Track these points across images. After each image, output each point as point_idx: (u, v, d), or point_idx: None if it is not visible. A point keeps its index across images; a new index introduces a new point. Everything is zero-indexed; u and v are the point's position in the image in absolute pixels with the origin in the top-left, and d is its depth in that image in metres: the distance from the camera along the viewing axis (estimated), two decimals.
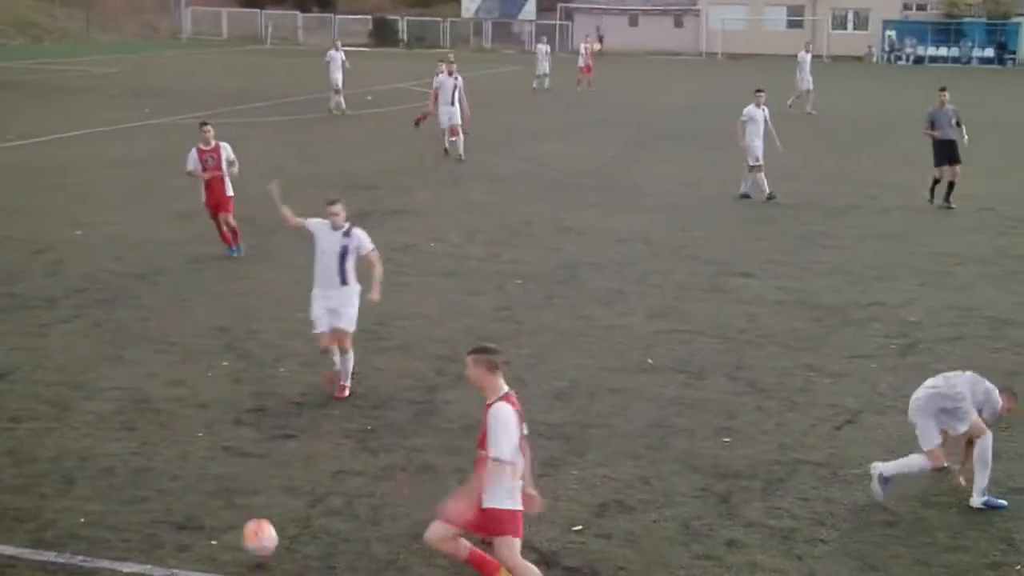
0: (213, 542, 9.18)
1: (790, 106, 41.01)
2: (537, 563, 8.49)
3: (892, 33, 78.95)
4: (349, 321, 12.42)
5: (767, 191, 24.33)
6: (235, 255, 18.60)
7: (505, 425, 7.87)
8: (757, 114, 24.41)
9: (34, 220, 20.87)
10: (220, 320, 15.18)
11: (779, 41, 75.31)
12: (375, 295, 12.25)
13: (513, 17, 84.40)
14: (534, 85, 50.70)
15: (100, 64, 54.20)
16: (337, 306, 12.37)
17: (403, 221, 21.69)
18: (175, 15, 77.52)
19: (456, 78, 29.27)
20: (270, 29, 75.61)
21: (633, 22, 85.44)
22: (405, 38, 77.87)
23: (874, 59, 77.48)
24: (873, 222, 22.66)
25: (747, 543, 9.38)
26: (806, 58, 42.99)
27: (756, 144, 24.36)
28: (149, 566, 8.80)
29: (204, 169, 18.34)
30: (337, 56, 38.25)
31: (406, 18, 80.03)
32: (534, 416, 10.08)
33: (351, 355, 12.51)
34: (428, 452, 11.09)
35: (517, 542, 8.09)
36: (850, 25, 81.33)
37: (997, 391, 10.32)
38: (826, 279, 17.99)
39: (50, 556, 8.91)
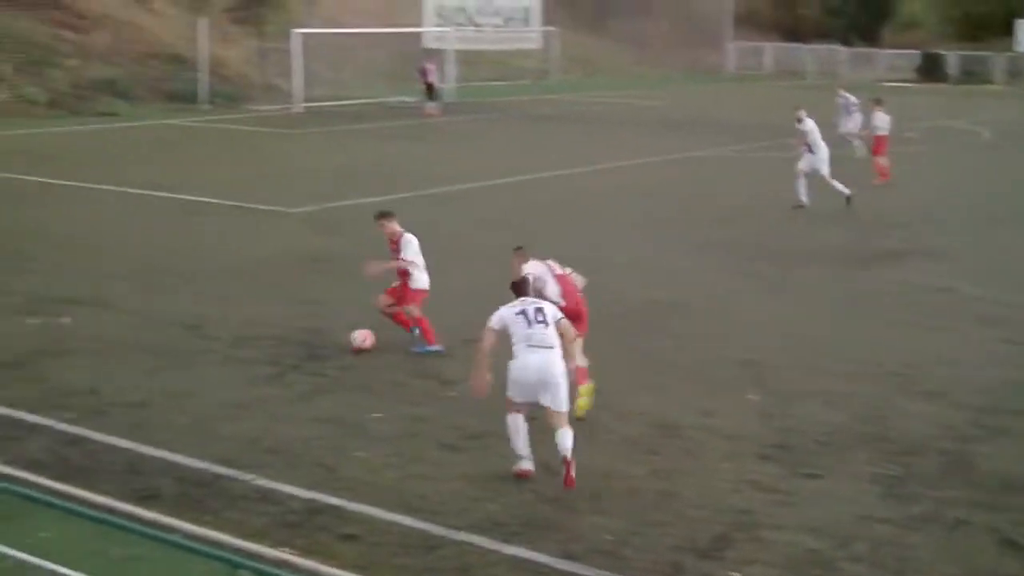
0: (734, 574, 9.21)
1: None
2: None
3: None
4: None
5: None
6: None
7: None
8: None
9: (553, 244, 21.83)
10: (748, 353, 15.25)
11: None
12: None
13: None
14: None
15: (644, 97, 56.17)
16: None
17: (937, 262, 20.92)
18: (720, 50, 79.01)
19: None
20: (812, 64, 75.35)
21: None
22: (953, 73, 75.07)
23: None
24: None
25: None
26: None
27: None
28: None
29: None
30: (849, 101, 34.67)
31: (956, 53, 77.11)
32: None
33: None
34: (959, 506, 10.58)
35: None
36: None
37: None
38: None
39: (577, 568, 9.27)
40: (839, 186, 25.98)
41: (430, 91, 46.62)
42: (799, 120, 26.25)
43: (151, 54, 47.21)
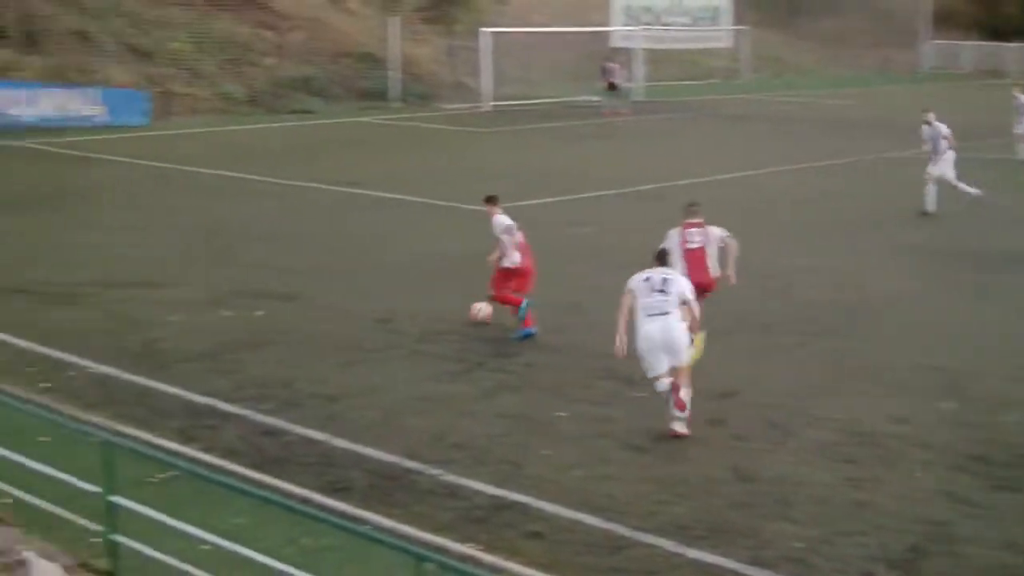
0: None
1: None
2: None
3: None
4: None
5: None
6: None
7: None
8: None
9: (764, 246, 21.52)
10: (943, 359, 14.78)
11: None
12: None
13: None
14: None
15: (834, 97, 55.03)
16: None
17: None
18: (914, 49, 76.87)
19: None
20: (1015, 63, 72.69)
21: None
22: None
23: None
24: None
25: None
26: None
27: None
28: None
29: None
30: (1020, 102, 33.06)
31: None
32: None
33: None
34: None
35: None
36: None
37: None
38: None
39: (765, 574, 9.12)
40: (966, 187, 24.98)
41: (612, 90, 46.48)
42: (928, 123, 25.31)
43: (344, 53, 48.21)
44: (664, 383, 12.13)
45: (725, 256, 14.52)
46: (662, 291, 12.26)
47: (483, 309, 15.95)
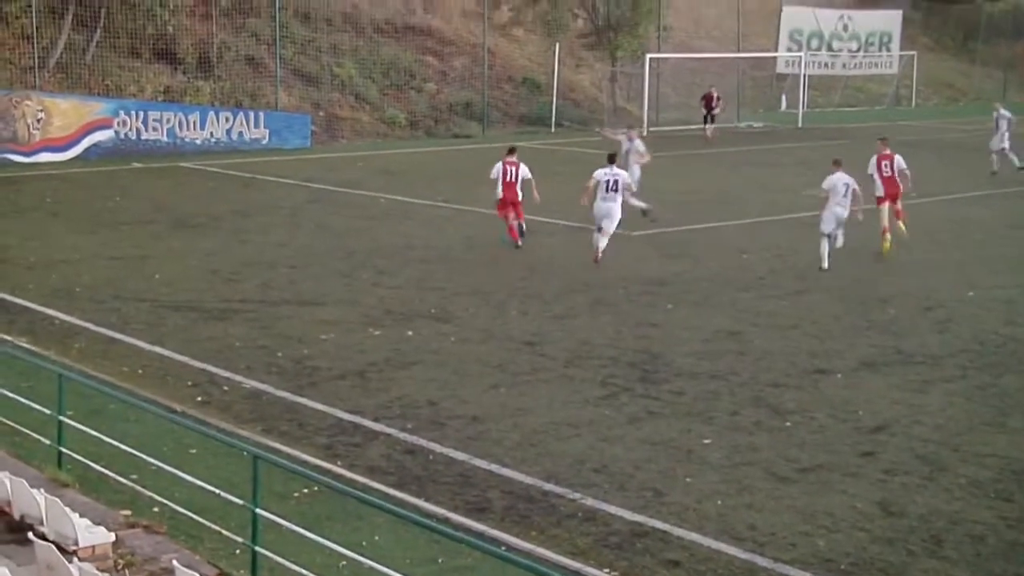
0: None
1: None
2: None
3: None
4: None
5: None
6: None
7: None
8: None
9: (925, 278, 20.97)
10: None
11: None
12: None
13: None
14: None
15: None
16: None
17: None
18: None
19: None
20: None
21: None
22: None
23: None
24: None
25: None
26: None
27: None
28: None
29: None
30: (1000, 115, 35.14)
31: None
32: None
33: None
34: None
35: None
36: None
37: None
38: None
39: None
40: None
41: (710, 118, 46.15)
42: None
43: (505, 78, 48.56)
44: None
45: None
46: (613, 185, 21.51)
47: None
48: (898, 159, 23.21)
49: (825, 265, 20.92)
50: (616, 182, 21.35)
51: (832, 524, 10.43)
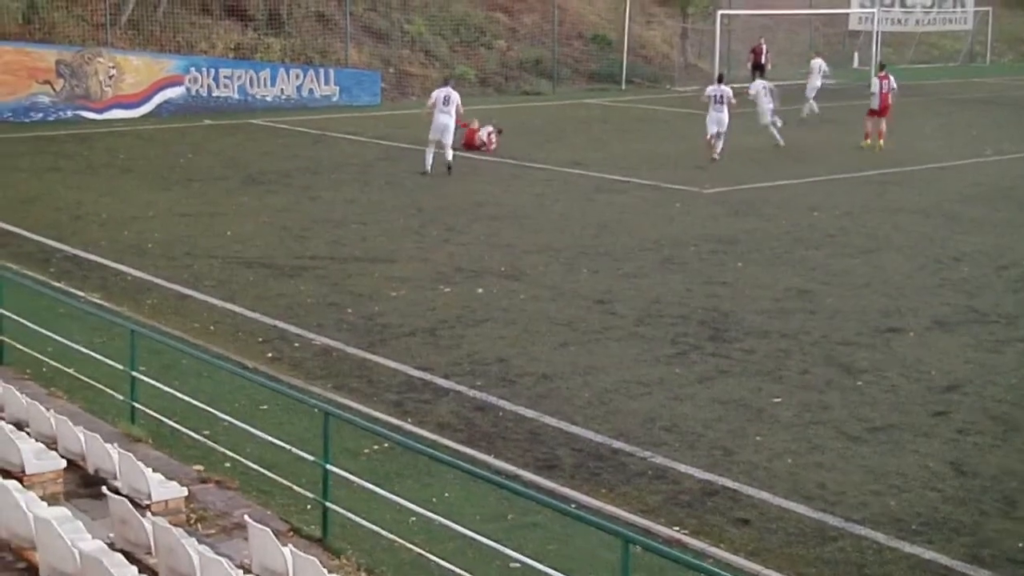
0: None
1: None
2: None
3: None
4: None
5: None
6: None
7: None
8: None
9: (1001, 235, 20.67)
10: None
11: None
12: None
13: None
14: None
15: None
16: None
17: None
18: None
19: None
20: None
21: None
22: None
23: None
24: None
25: None
26: None
27: None
28: None
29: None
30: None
31: None
32: None
33: None
34: None
35: None
36: None
37: None
38: None
39: (984, 574, 8.75)
40: None
41: (758, 71, 45.32)
42: None
43: (575, 35, 48.28)
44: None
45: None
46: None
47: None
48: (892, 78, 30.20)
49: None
50: (723, 96, 28.43)
51: (903, 484, 10.36)
